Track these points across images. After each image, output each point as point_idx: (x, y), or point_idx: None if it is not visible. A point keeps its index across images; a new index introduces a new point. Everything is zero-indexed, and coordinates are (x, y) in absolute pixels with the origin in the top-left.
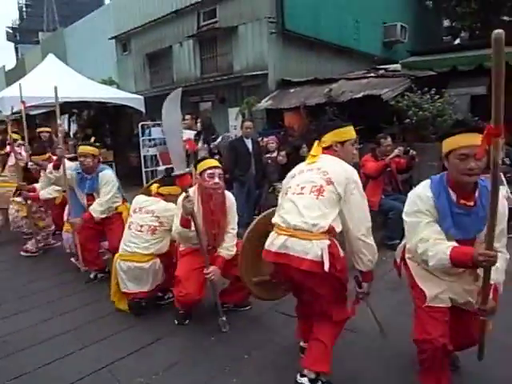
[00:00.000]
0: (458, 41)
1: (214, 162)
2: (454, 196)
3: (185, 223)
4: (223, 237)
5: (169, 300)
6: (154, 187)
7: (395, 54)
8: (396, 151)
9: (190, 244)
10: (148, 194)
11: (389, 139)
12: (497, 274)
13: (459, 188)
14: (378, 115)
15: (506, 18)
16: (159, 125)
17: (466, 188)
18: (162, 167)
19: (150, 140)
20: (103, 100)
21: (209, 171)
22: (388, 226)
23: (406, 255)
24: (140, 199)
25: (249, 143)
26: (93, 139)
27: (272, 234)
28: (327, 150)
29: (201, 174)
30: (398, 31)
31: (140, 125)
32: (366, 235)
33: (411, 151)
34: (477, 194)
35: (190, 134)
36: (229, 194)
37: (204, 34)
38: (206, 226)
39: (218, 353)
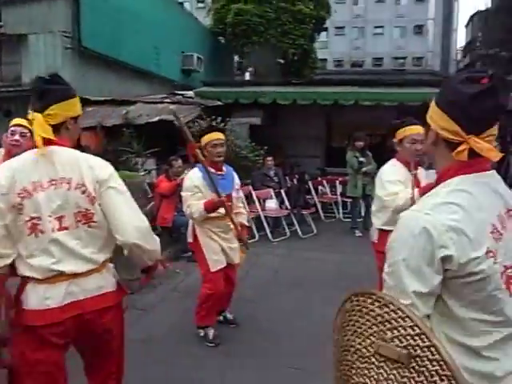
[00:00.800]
0: (247, 75)
1: (20, 121)
2: (212, 170)
3: None
4: None
5: None
6: None
7: (193, 81)
8: (186, 172)
9: None
10: None
11: (179, 161)
12: (242, 219)
13: (213, 165)
14: (174, 138)
15: (281, 60)
16: None
17: (217, 164)
18: None
19: None
20: None
21: (12, 128)
22: (181, 240)
23: (196, 228)
24: None
25: None
26: None
27: (35, 287)
28: (57, 132)
29: (7, 130)
30: (195, 61)
31: None
32: (141, 238)
33: None
34: (224, 168)
35: None
36: None
37: None
38: None
39: None
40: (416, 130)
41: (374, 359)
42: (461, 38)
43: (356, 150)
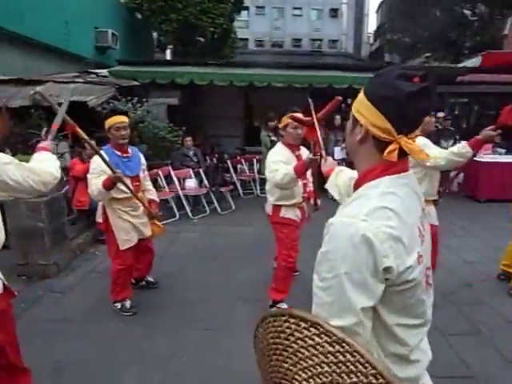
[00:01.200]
0: (168, 53)
1: None
2: (118, 153)
3: None
4: None
5: None
6: None
7: (109, 59)
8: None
9: None
10: None
11: (92, 142)
12: (150, 195)
13: (118, 148)
14: (89, 120)
15: (200, 38)
16: None
17: (122, 147)
18: None
19: None
20: None
21: None
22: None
23: (106, 208)
24: None
25: None
26: None
27: None
28: None
29: None
30: (110, 38)
31: None
32: (50, 184)
33: None
34: (130, 150)
35: None
36: None
37: None
38: None
39: None
40: (290, 118)
41: None
42: (373, 22)
43: (269, 129)
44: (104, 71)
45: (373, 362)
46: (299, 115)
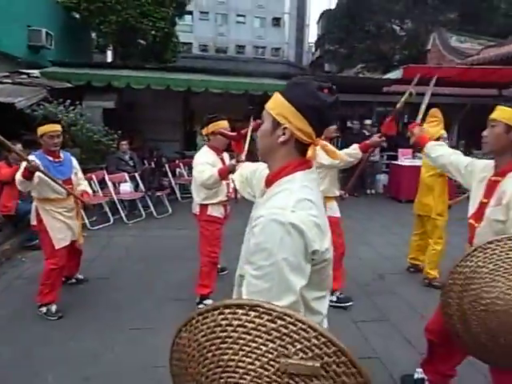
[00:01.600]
0: (109, 55)
1: None
2: (50, 158)
3: None
4: None
5: None
6: None
7: (43, 59)
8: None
9: None
10: None
11: (19, 145)
12: (82, 187)
13: (49, 154)
14: (18, 122)
15: (141, 41)
16: None
17: (54, 153)
18: None
19: None
20: None
21: None
22: (25, 230)
23: (40, 210)
24: None
25: None
26: None
27: None
28: None
29: None
30: (44, 37)
31: None
32: None
33: None
34: (62, 155)
35: None
36: None
37: None
38: None
39: None
40: (223, 124)
41: (275, 377)
42: (315, 32)
43: None
44: (36, 72)
45: (313, 325)
46: (226, 124)
